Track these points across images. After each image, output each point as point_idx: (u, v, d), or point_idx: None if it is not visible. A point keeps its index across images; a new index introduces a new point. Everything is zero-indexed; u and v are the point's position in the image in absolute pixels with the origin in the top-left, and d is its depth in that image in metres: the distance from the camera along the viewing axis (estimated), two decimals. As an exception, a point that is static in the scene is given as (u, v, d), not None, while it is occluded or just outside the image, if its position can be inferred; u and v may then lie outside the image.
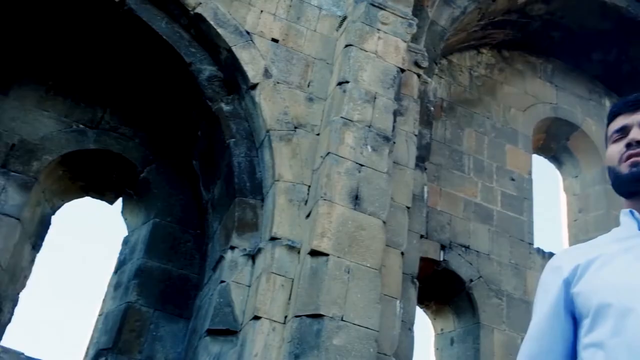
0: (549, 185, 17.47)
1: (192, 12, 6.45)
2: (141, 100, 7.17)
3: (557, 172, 9.86)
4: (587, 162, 9.47)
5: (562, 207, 9.56)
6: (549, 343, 1.72)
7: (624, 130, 1.80)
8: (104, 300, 6.81)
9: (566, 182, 9.70)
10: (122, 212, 7.36)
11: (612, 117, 1.86)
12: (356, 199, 5.59)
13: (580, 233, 9.06)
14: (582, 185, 9.45)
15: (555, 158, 9.88)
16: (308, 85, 6.56)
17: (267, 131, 6.14)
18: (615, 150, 1.79)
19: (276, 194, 5.85)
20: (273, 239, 5.65)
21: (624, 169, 1.74)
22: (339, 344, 4.93)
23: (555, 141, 9.72)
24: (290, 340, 4.99)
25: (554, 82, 9.79)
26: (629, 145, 1.75)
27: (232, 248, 5.90)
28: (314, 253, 5.27)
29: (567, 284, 1.72)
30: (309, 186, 5.95)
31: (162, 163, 7.15)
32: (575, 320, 1.70)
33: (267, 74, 6.40)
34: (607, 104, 9.91)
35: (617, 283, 1.61)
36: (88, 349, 6.50)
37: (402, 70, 6.54)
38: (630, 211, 1.75)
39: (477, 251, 7.76)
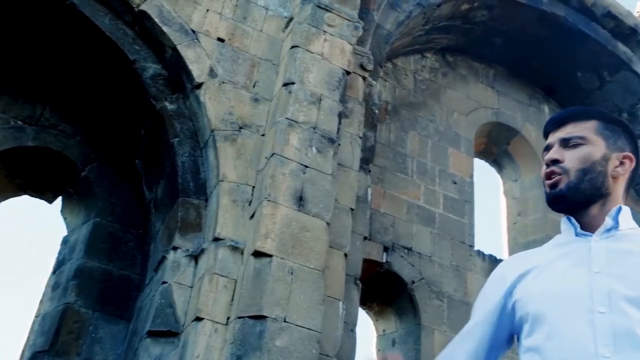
0: (489, 189, 17.83)
1: (136, 9, 6.36)
2: (83, 98, 7.03)
3: (498, 176, 10.07)
4: (526, 167, 9.69)
5: (502, 210, 9.76)
6: (474, 343, 1.81)
7: (548, 149, 1.87)
8: (41, 301, 6.64)
9: (506, 186, 9.90)
10: (61, 211, 7.20)
11: (545, 135, 1.93)
12: (300, 200, 5.59)
13: (519, 236, 9.26)
14: (521, 189, 9.66)
15: (496, 162, 10.08)
16: (254, 86, 6.54)
17: (212, 131, 6.09)
18: (543, 169, 1.86)
19: (220, 195, 5.81)
20: (216, 239, 5.61)
21: (547, 189, 1.82)
22: (281, 345, 4.92)
23: (496, 145, 9.92)
24: (232, 342, 4.96)
25: (496, 88, 9.98)
26: (547, 164, 1.82)
27: (175, 248, 5.84)
28: (258, 254, 5.25)
29: (509, 293, 1.78)
30: (254, 187, 5.93)
31: (104, 162, 7.03)
32: (513, 328, 1.78)
33: (212, 73, 6.35)
34: (546, 110, 10.16)
35: (553, 289, 1.66)
36: (23, 351, 6.34)
37: (348, 73, 6.57)
38: (568, 218, 1.81)
39: (420, 253, 7.86)
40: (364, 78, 7.05)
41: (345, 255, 5.93)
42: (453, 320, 7.60)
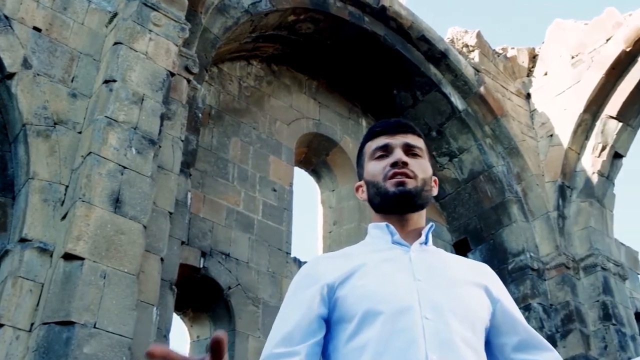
0: (308, 197, 18.29)
1: (-59, -12, 5.85)
2: None
3: (316, 185, 10.35)
4: (343, 178, 10.05)
5: (319, 218, 10.04)
6: (299, 336, 1.72)
7: (387, 149, 1.91)
8: None
9: (323, 195, 10.20)
10: None
11: (373, 135, 1.97)
12: (117, 202, 5.41)
13: (333, 244, 9.57)
14: (337, 199, 10.00)
15: (315, 172, 10.36)
16: (72, 81, 6.24)
17: (24, 125, 5.73)
18: (380, 166, 1.89)
19: (29, 193, 5.48)
20: (23, 240, 5.28)
21: (390, 187, 1.85)
22: (89, 353, 4.72)
23: (316, 155, 10.20)
24: (35, 349, 4.69)
25: (318, 99, 10.27)
26: (394, 164, 1.87)
27: (-26, 249, 5.42)
28: (68, 257, 5.01)
29: (331, 288, 1.77)
30: (67, 186, 5.66)
31: None
32: (327, 324, 1.76)
33: (26, 64, 5.98)
34: (364, 123, 10.61)
35: (382, 291, 1.71)
36: None
37: (172, 74, 6.47)
38: (386, 225, 1.87)
39: (237, 259, 7.88)
40: (188, 81, 6.97)
41: (162, 259, 5.81)
42: (267, 326, 7.69)
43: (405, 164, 1.87)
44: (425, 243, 1.87)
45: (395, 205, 1.86)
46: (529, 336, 1.82)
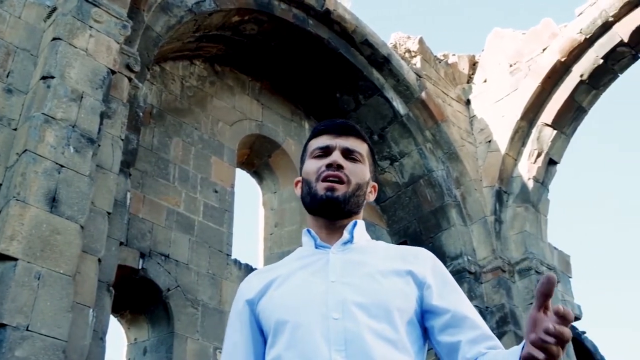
0: (250, 199, 18.27)
1: None
2: None
3: (258, 187, 10.32)
4: (285, 180, 10.05)
5: (260, 220, 10.01)
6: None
7: (326, 150, 1.92)
8: None
9: (265, 197, 10.18)
10: None
11: (317, 133, 1.98)
12: (53, 202, 5.29)
13: (274, 246, 9.56)
14: (279, 201, 10.00)
15: (257, 173, 10.33)
16: (7, 76, 6.06)
17: (-45, 121, 5.55)
18: (315, 166, 1.90)
19: (-40, 191, 5.30)
20: (-47, 240, 5.11)
21: (320, 189, 1.86)
22: (21, 356, 4.60)
23: (258, 157, 10.18)
24: (-35, 353, 4.54)
25: (261, 101, 10.25)
26: (329, 166, 1.87)
27: None
28: (1, 257, 4.87)
29: (252, 304, 1.82)
30: (1, 184, 5.49)
31: None
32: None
33: (-41, 57, 5.79)
34: (307, 126, 10.64)
35: (291, 299, 1.73)
36: None
37: (113, 72, 6.35)
38: (308, 230, 1.90)
39: (177, 260, 7.79)
40: (129, 79, 6.86)
41: (99, 260, 5.70)
42: (207, 328, 7.63)
43: (340, 167, 1.87)
44: (351, 241, 1.87)
45: (321, 209, 1.87)
46: (455, 315, 1.74)
